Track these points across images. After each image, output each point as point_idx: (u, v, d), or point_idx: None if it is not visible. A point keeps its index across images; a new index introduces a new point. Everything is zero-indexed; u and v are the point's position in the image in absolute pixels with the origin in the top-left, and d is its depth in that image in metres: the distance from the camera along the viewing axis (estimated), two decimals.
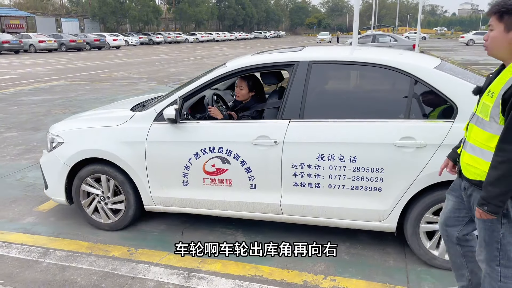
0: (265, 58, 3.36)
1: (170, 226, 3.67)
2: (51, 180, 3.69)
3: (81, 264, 3.06)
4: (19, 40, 31.13)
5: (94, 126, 3.61)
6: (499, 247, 2.03)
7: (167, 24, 74.41)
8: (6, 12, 45.40)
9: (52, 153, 3.64)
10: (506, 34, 1.87)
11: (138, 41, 45.33)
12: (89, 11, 57.86)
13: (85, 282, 2.84)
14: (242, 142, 3.14)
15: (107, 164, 3.47)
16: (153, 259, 3.12)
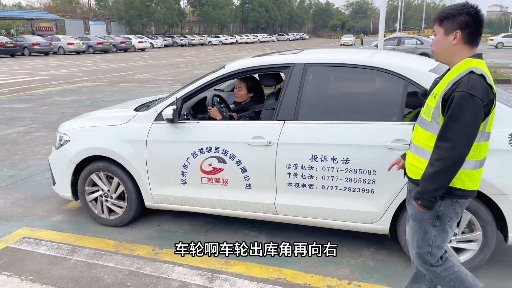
0: (262, 60, 3.42)
1: (194, 227, 3.70)
2: (58, 176, 3.85)
3: (108, 262, 3.12)
4: (49, 42, 32.09)
5: (98, 125, 3.75)
6: (431, 250, 2.12)
7: (191, 27, 75.27)
8: (37, 15, 46.86)
9: (59, 150, 3.80)
10: (446, 37, 1.97)
11: (162, 44, 46.00)
12: (116, 14, 59.14)
13: (111, 280, 2.89)
14: (238, 142, 3.21)
15: (110, 162, 3.58)
16: (177, 259, 3.14)
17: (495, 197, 2.72)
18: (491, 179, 2.67)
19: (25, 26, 49.63)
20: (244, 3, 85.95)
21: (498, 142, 2.65)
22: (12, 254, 3.24)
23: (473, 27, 1.93)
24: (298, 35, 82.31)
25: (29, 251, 3.28)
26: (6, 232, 3.61)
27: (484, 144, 2.00)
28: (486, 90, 1.86)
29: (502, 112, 2.74)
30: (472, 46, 1.97)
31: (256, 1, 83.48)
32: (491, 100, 1.88)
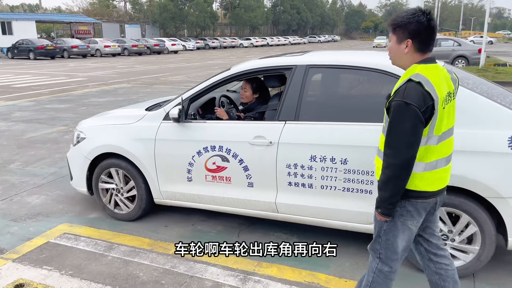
0: (265, 62, 3.50)
1: (227, 228, 3.73)
2: (75, 172, 4.05)
3: (143, 260, 3.19)
4: (86, 45, 33.19)
5: (111, 124, 3.94)
6: (380, 241, 2.15)
7: (222, 29, 76.01)
8: (76, 19, 48.60)
9: (76, 147, 4.01)
10: (398, 45, 2.01)
11: (194, 46, 46.68)
12: (150, 17, 60.53)
13: (146, 278, 2.95)
14: (240, 141, 3.29)
15: (122, 159, 3.74)
16: (210, 260, 3.17)
17: (494, 200, 2.69)
18: (490, 182, 2.66)
19: (64, 29, 51.56)
20: (275, 5, 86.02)
21: (497, 145, 2.66)
22: (52, 249, 3.37)
23: (424, 35, 1.96)
24: (329, 37, 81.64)
25: (68, 247, 3.39)
26: (47, 228, 3.75)
27: (434, 147, 2.01)
28: (422, 97, 1.88)
29: (502, 115, 2.74)
30: (424, 53, 2.00)
31: (287, 3, 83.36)
32: (429, 106, 1.89)
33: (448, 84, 2.04)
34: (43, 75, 18.74)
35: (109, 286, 2.85)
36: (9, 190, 4.70)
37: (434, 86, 1.92)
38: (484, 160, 2.70)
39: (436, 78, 1.95)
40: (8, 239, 3.55)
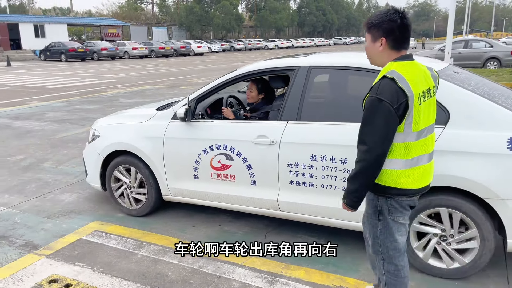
0: (269, 63, 3.57)
1: (253, 229, 3.73)
2: (90, 168, 4.25)
3: (171, 259, 3.22)
4: (115, 47, 33.99)
5: (124, 122, 4.12)
6: (379, 242, 2.19)
7: (248, 31, 76.34)
8: (105, 22, 49.86)
9: (91, 144, 4.21)
10: (374, 44, 2.07)
11: (220, 48, 47.05)
12: (177, 19, 61.45)
13: (175, 277, 2.98)
14: (244, 140, 3.38)
15: (133, 157, 3.88)
16: (238, 260, 3.18)
17: (492, 201, 2.67)
18: (488, 183, 2.65)
19: (94, 32, 53.01)
20: (301, 7, 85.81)
21: (495, 147, 2.65)
22: (84, 246, 3.45)
23: (398, 33, 2.00)
24: (355, 38, 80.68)
25: (100, 244, 3.47)
26: (79, 225, 3.85)
27: (413, 144, 2.02)
28: (396, 94, 1.90)
29: (501, 116, 2.72)
30: (399, 50, 2.05)
31: (313, 5, 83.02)
32: (403, 102, 1.91)
33: (427, 81, 2.06)
34: (73, 76, 19.29)
35: (139, 284, 2.90)
36: (43, 188, 4.85)
37: (409, 82, 1.93)
38: (483, 161, 2.68)
39: (411, 74, 1.97)
40: (42, 235, 3.66)
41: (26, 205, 4.34)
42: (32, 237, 3.62)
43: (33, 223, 3.91)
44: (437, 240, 2.86)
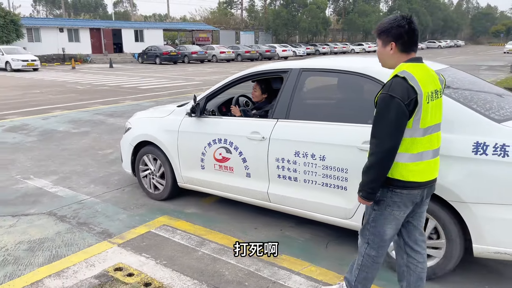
0: (267, 66, 3.89)
1: (314, 236, 3.64)
2: (124, 156, 4.81)
3: (230, 259, 3.26)
4: (204, 51, 35.64)
5: (150, 116, 4.64)
6: (369, 228, 2.35)
7: (334, 35, 75.18)
8: (197, 27, 52.55)
9: (125, 135, 4.79)
10: (384, 48, 2.25)
11: (305, 52, 46.94)
12: (264, 24, 62.63)
13: (231, 277, 3.01)
14: (240, 135, 3.70)
15: (155, 147, 4.37)
16: (295, 267, 3.12)
17: (456, 205, 2.72)
18: (452, 186, 2.70)
19: (186, 36, 56.11)
20: (392, 9, 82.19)
21: (461, 150, 2.69)
22: (152, 238, 3.64)
23: (406, 37, 2.17)
24: (451, 42, 75.24)
25: (166, 238, 3.64)
26: (150, 218, 4.07)
27: (420, 139, 2.17)
28: (406, 91, 2.07)
29: (471, 120, 2.75)
30: (408, 53, 2.21)
31: (405, 7, 78.97)
32: (413, 99, 2.07)
33: (435, 82, 2.22)
34: (164, 78, 20.60)
35: (196, 280, 2.97)
36: (124, 181, 5.23)
37: (419, 81, 2.09)
38: (448, 164, 2.70)
39: (421, 75, 2.13)
40: (117, 225, 3.94)
41: (107, 196, 4.71)
42: (108, 226, 3.91)
43: (111, 213, 4.23)
44: None
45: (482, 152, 2.63)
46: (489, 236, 2.66)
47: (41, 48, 34.28)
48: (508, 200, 2.59)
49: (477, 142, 2.65)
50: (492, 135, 2.64)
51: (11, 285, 2.94)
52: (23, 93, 14.87)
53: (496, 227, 2.64)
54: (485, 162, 2.62)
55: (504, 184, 2.58)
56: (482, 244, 2.70)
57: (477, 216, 2.66)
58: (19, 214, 4.20)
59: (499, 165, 2.58)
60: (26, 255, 3.36)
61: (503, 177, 2.58)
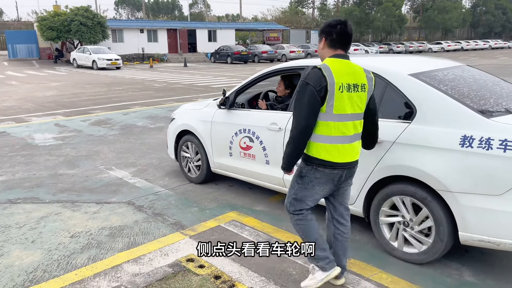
0: (286, 64, 4.23)
1: None
2: (169, 143, 5.40)
3: (297, 259, 3.25)
4: (274, 50, 35.90)
5: (190, 108, 5.18)
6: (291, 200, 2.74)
7: (410, 33, 71.79)
8: (268, 26, 53.04)
9: (170, 125, 5.37)
10: (319, 43, 2.65)
11: (377, 51, 45.42)
12: None
13: (298, 277, 3.00)
14: (261, 126, 4.08)
15: (193, 136, 4.92)
16: (365, 273, 3.03)
17: (444, 194, 2.88)
18: (440, 176, 2.87)
19: (257, 36, 56.88)
20: (476, 5, 76.53)
21: (448, 142, 2.86)
22: (221, 232, 3.74)
23: (335, 36, 2.54)
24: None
25: (234, 233, 3.72)
26: (220, 213, 4.19)
27: (334, 124, 2.49)
28: (319, 80, 2.41)
29: (460, 115, 2.90)
30: (335, 49, 2.56)
31: (491, 3, 73.14)
32: (323, 87, 2.40)
33: (356, 77, 2.52)
34: (235, 77, 21.06)
35: (263, 277, 3.01)
36: None
37: (333, 73, 2.43)
38: (437, 155, 2.91)
39: (338, 68, 2.47)
40: (189, 217, 4.11)
41: (180, 189, 4.93)
42: (181, 218, 4.09)
43: (184, 205, 4.42)
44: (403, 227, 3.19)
45: (468, 145, 2.78)
46: (473, 225, 2.81)
47: (123, 48, 36.75)
48: (490, 190, 2.72)
49: (465, 136, 2.81)
50: (479, 129, 2.78)
51: (94, 267, 3.19)
52: (107, 89, 16.04)
53: (479, 216, 2.78)
54: (470, 154, 2.77)
55: (486, 176, 2.72)
56: (467, 232, 2.85)
57: (462, 205, 2.82)
58: (102, 202, 4.54)
59: (483, 157, 2.72)
60: (108, 240, 3.62)
61: (486, 168, 2.72)
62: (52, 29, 31.61)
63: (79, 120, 9.70)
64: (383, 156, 3.16)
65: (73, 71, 26.46)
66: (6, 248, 3.50)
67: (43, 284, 2.96)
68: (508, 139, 2.65)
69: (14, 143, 7.37)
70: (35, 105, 12.05)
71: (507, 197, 2.66)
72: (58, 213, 4.24)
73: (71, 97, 13.95)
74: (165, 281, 2.95)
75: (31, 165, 5.99)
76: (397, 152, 3.07)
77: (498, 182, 2.68)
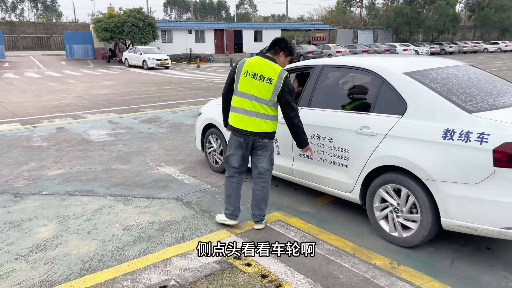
0: (298, 63, 4.67)
1: (439, 251, 3.38)
2: (196, 136, 5.86)
3: (344, 262, 3.21)
4: (320, 50, 35.54)
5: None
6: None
7: (464, 33, 68.56)
8: (314, 26, 52.54)
9: (197, 119, 5.82)
10: None
11: (428, 51, 43.72)
12: (384, 22, 59.88)
13: (345, 281, 2.96)
14: None
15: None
16: (416, 281, 2.93)
17: (427, 182, 3.14)
18: (424, 165, 3.14)
19: (303, 36, 56.50)
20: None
21: (431, 135, 3.13)
22: (267, 232, 3.76)
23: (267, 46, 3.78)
24: None
25: (280, 233, 3.72)
26: (266, 212, 4.19)
27: (236, 98, 3.60)
28: (236, 65, 3.63)
29: (444, 110, 3.16)
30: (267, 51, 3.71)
31: None
32: (234, 70, 3.62)
33: (262, 70, 3.50)
34: None
35: (309, 279, 2.99)
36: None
37: (245, 63, 3.57)
38: (422, 147, 3.19)
39: (251, 61, 3.57)
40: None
41: None
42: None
43: None
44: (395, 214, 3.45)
45: (449, 138, 3.04)
46: (453, 211, 3.05)
47: (172, 48, 37.79)
48: (468, 180, 2.95)
49: (447, 129, 3.06)
50: (461, 123, 3.03)
51: (145, 259, 3.30)
52: (156, 88, 16.57)
53: (458, 203, 3.02)
54: (451, 146, 3.02)
55: (464, 166, 2.97)
56: (448, 218, 3.09)
57: (444, 193, 3.06)
58: (152, 197, 4.70)
59: (461, 149, 2.97)
60: (157, 235, 3.74)
61: (464, 159, 2.96)
62: (106, 30, 33.09)
63: (131, 117, 10.09)
64: (376, 147, 3.48)
65: (125, 70, 27.56)
66: (65, 238, 3.71)
67: (98, 273, 3.11)
68: (486, 132, 2.88)
69: (72, 138, 7.79)
70: (90, 103, 12.67)
71: (483, 186, 2.89)
72: (112, 206, 4.43)
73: (123, 95, 14.54)
74: (213, 277, 3.01)
75: (87, 160, 6.30)
76: (389, 144, 3.38)
77: (475, 172, 2.91)
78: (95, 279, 3.03)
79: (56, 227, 3.92)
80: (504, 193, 2.82)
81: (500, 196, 2.83)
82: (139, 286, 2.92)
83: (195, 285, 2.91)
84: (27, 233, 3.82)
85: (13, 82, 19.76)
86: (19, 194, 4.87)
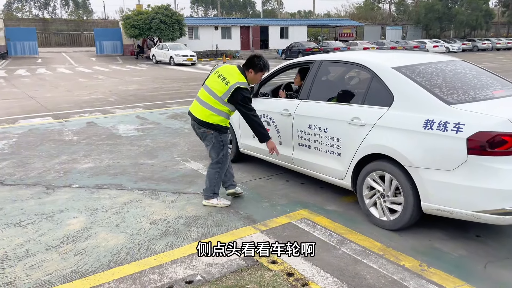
0: (299, 59, 5.02)
1: (471, 254, 3.27)
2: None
3: (372, 263, 3.14)
4: (347, 47, 35.04)
5: None
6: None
7: (497, 29, 66.16)
8: (341, 23, 51.82)
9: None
10: None
11: (460, 48, 42.43)
12: (413, 18, 58.45)
13: (373, 282, 2.90)
14: (276, 112, 4.80)
15: None
16: (447, 284, 2.85)
17: (409, 169, 3.40)
18: (406, 153, 3.40)
19: (330, 32, 55.86)
20: None
21: (413, 125, 3.39)
22: (293, 230, 3.73)
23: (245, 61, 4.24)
24: None
25: (306, 231, 3.69)
26: (291, 210, 4.17)
27: (201, 89, 4.26)
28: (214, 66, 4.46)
29: (427, 101, 3.42)
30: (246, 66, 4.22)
31: None
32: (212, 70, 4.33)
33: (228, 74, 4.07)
34: None
35: (336, 278, 2.94)
36: (268, 171, 5.45)
37: (220, 66, 4.20)
38: (405, 136, 3.44)
39: (225, 66, 4.18)
40: (260, 212, 4.15)
41: (252, 184, 4.99)
42: (252, 212, 4.14)
43: (255, 200, 4.47)
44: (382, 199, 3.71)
45: (429, 127, 3.27)
46: (432, 196, 3.30)
47: (199, 45, 38.07)
48: (445, 166, 3.20)
49: (427, 119, 3.30)
50: (440, 114, 3.25)
51: (172, 254, 3.34)
52: (182, 85, 16.75)
53: (436, 189, 3.26)
54: (430, 135, 3.26)
55: (441, 153, 3.21)
56: (427, 202, 3.34)
57: (424, 179, 3.31)
58: (178, 192, 4.75)
59: (439, 138, 3.21)
60: (184, 229, 3.77)
61: (442, 147, 3.20)
62: (135, 27, 33.64)
63: (158, 113, 10.23)
64: (365, 137, 3.74)
65: (152, 67, 27.98)
66: (94, 230, 3.79)
67: (125, 266, 3.16)
68: (461, 122, 3.11)
69: (101, 133, 7.96)
70: (119, 98, 12.92)
71: (458, 172, 3.13)
72: (139, 200, 4.50)
73: (150, 91, 14.76)
74: (238, 273, 3.01)
75: (115, 154, 6.43)
76: (376, 133, 3.63)
77: (451, 159, 3.16)
78: (123, 272, 3.08)
79: (86, 220, 4.02)
80: (476, 179, 3.06)
81: (473, 181, 3.07)
82: (165, 280, 2.96)
83: (220, 281, 2.92)
84: (58, 224, 3.92)
85: (45, 78, 20.39)
86: (51, 186, 5.01)
